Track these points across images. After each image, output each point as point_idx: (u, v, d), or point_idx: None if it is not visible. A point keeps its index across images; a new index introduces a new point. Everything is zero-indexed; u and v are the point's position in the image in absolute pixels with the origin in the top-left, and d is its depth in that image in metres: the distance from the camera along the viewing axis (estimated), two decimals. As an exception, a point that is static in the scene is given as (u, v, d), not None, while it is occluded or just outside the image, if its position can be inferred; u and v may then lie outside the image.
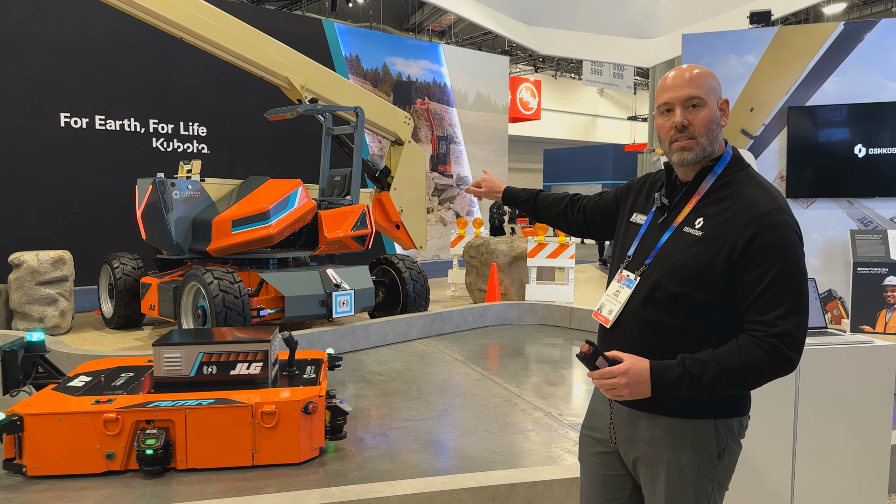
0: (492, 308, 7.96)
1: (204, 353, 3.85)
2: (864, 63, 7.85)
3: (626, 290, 1.73)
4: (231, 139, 10.51)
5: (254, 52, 7.04)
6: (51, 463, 3.51)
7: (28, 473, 3.50)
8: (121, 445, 3.54)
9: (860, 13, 20.76)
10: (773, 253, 1.55)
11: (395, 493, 2.94)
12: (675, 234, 1.69)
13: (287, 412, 3.66)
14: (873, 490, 2.72)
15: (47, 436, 3.49)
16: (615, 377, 1.57)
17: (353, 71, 12.30)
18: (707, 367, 1.55)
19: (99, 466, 3.53)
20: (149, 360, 4.41)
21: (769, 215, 1.57)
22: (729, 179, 1.67)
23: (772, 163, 8.13)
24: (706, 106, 1.65)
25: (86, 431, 3.52)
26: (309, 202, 6.81)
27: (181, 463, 3.60)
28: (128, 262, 7.48)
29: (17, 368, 4.03)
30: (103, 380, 4.07)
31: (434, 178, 13.71)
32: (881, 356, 2.70)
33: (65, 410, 3.54)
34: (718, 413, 1.65)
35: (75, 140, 9.16)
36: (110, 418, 3.51)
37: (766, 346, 1.53)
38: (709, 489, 1.67)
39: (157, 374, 3.86)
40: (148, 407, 3.59)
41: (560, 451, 3.92)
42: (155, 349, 3.85)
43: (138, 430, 3.56)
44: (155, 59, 9.75)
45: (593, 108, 37.50)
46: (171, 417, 3.59)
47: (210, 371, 3.85)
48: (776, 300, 1.54)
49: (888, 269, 7.30)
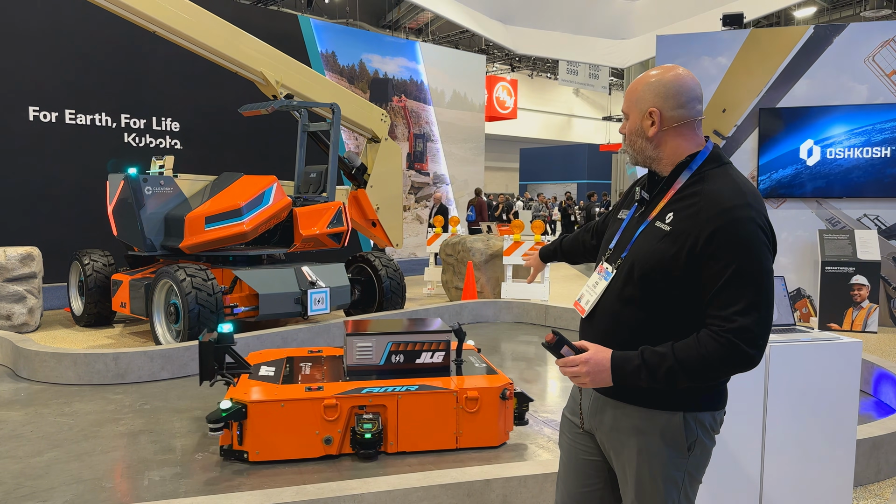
0: (468, 306, 7.97)
1: (393, 342, 4.03)
2: (833, 66, 8.01)
3: (603, 282, 1.78)
4: (205, 135, 10.38)
5: (228, 48, 6.97)
6: (273, 448, 3.63)
7: (250, 459, 3.61)
8: (338, 430, 3.70)
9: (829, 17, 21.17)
10: (733, 248, 1.57)
11: (370, 490, 2.93)
12: (648, 228, 1.73)
13: (487, 398, 3.84)
14: (839, 483, 2.79)
15: (270, 422, 3.62)
16: (577, 365, 1.64)
17: (329, 67, 12.23)
18: (664, 359, 1.58)
19: (317, 451, 3.68)
20: (310, 351, 4.65)
21: (732, 210, 1.59)
22: (702, 175, 1.71)
23: (744, 163, 8.26)
24: (629, 119, 1.79)
25: (307, 417, 3.66)
26: (284, 199, 6.76)
27: (391, 446, 3.77)
28: (98, 258, 7.36)
29: (212, 359, 4.17)
30: (288, 369, 4.20)
31: (411, 176, 13.70)
32: (846, 352, 2.76)
33: (286, 397, 3.67)
34: (689, 406, 1.68)
35: (44, 134, 8.98)
36: (330, 404, 3.67)
37: (722, 340, 1.55)
38: (679, 481, 1.70)
39: (349, 363, 4.03)
40: (362, 393, 3.75)
41: (535, 448, 3.95)
42: (348, 339, 4.01)
43: (353, 414, 3.72)
44: (127, 53, 9.59)
45: (569, 107, 37.74)
46: (384, 402, 3.76)
47: (398, 360, 4.04)
48: (735, 296, 1.56)
49: (855, 269, 7.46)
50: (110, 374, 5.22)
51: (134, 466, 3.63)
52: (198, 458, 3.75)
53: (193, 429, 4.22)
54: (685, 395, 1.67)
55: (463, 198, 14.80)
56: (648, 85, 1.74)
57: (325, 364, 4.34)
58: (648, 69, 1.84)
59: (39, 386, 5.19)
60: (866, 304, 7.43)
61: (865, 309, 7.44)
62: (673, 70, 1.74)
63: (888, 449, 3.63)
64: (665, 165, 1.77)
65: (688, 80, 1.73)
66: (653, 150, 1.77)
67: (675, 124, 1.73)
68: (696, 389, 1.67)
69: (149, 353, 5.34)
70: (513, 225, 9.37)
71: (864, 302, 7.43)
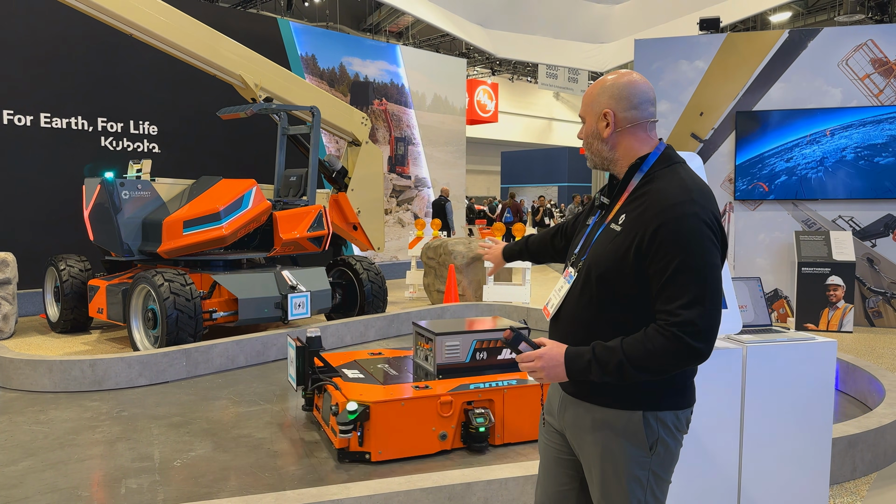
0: (450, 309, 7.97)
1: (477, 340, 4.22)
2: (808, 70, 8.14)
3: (566, 285, 1.83)
4: (183, 138, 10.28)
5: (207, 51, 6.91)
6: (394, 447, 3.74)
7: (372, 459, 3.70)
8: (451, 426, 3.86)
9: (804, 22, 21.50)
10: (675, 244, 1.60)
11: (350, 496, 2.91)
12: (604, 231, 1.77)
13: None
14: (816, 481, 2.82)
15: (391, 421, 3.73)
16: (533, 360, 1.69)
17: (309, 70, 12.18)
18: (613, 353, 1.62)
19: (433, 447, 3.83)
20: (371, 353, 4.83)
21: (675, 207, 1.62)
22: (652, 176, 1.75)
23: (721, 165, 8.36)
24: (585, 123, 1.86)
25: (424, 414, 3.80)
26: (263, 203, 6.72)
27: (498, 439, 3.95)
28: (75, 264, 7.25)
29: (308, 365, 4.29)
30: (371, 371, 4.33)
31: (392, 180, 13.68)
32: (821, 352, 2.80)
33: (404, 396, 3.79)
34: (648, 405, 1.70)
35: (19, 138, 8.84)
36: (446, 400, 3.83)
37: (667, 334, 1.58)
38: (643, 479, 1.71)
39: (439, 362, 4.17)
40: (470, 388, 3.92)
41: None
42: (437, 339, 4.14)
43: (463, 410, 3.88)
44: (104, 56, 9.48)
45: (549, 111, 37.94)
46: (491, 397, 3.95)
47: (481, 357, 4.24)
48: (679, 290, 1.59)
49: (831, 269, 7.57)
50: (87, 381, 5.15)
51: (111, 474, 3.58)
52: (176, 465, 3.70)
53: (172, 435, 4.17)
54: (644, 394, 1.69)
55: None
56: (603, 88, 1.80)
57: (398, 364, 4.53)
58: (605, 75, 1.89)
59: (14, 394, 5.10)
60: (842, 305, 7.54)
61: (841, 309, 7.55)
62: (627, 75, 1.80)
63: (864, 447, 3.69)
64: (621, 167, 1.82)
65: (640, 84, 1.78)
66: (608, 151, 1.82)
67: (629, 125, 1.78)
68: (655, 388, 1.69)
69: (126, 359, 5.28)
70: (494, 228, 9.39)
71: (840, 302, 7.54)
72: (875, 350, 6.74)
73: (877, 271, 8.02)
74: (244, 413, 4.63)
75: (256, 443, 4.03)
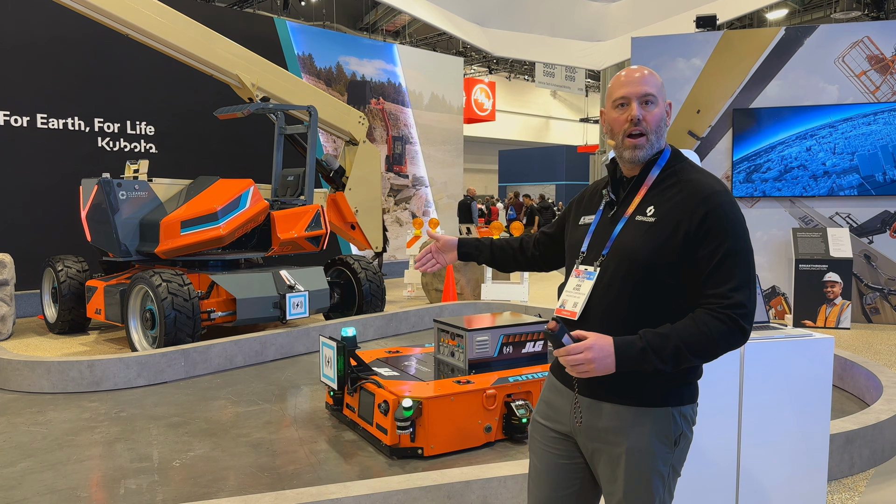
0: (448, 308, 7.97)
1: (504, 335, 4.35)
2: (804, 67, 8.14)
3: (587, 283, 1.78)
4: (180, 138, 10.27)
5: (204, 51, 6.90)
6: (445, 441, 3.82)
7: (425, 454, 3.76)
8: (495, 418, 3.97)
9: (801, 19, 21.51)
10: (724, 230, 1.65)
11: (349, 494, 2.92)
12: (629, 224, 1.76)
13: None
14: (814, 477, 2.83)
15: (442, 416, 3.80)
16: (581, 353, 1.61)
17: (305, 70, 12.17)
18: (668, 339, 1.61)
19: (479, 439, 3.92)
20: (388, 351, 4.91)
21: (717, 195, 1.68)
22: (673, 170, 1.79)
23: (718, 163, 8.36)
24: (658, 105, 1.76)
25: (472, 408, 3.89)
26: (261, 202, 6.71)
27: None
28: (72, 264, 7.24)
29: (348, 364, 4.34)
30: (402, 368, 4.44)
31: (390, 179, 13.67)
32: (819, 349, 2.80)
33: (453, 391, 3.86)
34: (675, 401, 1.72)
35: (16, 139, 8.82)
36: (491, 394, 3.93)
37: (722, 317, 1.61)
38: (665, 475, 1.73)
39: (470, 357, 4.26)
40: (509, 381, 4.03)
41: (514, 448, 3.96)
42: (468, 334, 4.23)
43: (505, 402, 3.98)
44: (100, 56, 9.46)
45: (546, 109, 37.92)
46: (529, 389, 4.06)
47: (508, 351, 4.36)
48: (728, 274, 1.63)
49: (828, 266, 7.58)
50: (85, 382, 5.15)
51: (110, 475, 3.58)
52: (175, 465, 3.70)
53: (170, 436, 4.17)
54: (671, 390, 1.72)
55: (442, 200, 14.80)
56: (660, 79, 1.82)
57: (424, 361, 4.65)
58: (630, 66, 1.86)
59: (12, 395, 5.09)
60: (839, 301, 7.56)
61: (838, 306, 7.56)
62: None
63: (861, 443, 3.70)
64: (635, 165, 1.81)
65: None
66: (658, 141, 1.80)
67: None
68: (679, 384, 1.72)
69: (124, 359, 5.27)
70: (492, 227, 9.40)
71: (837, 299, 7.56)
72: (872, 346, 6.75)
73: (874, 268, 8.04)
74: (243, 413, 4.63)
75: (255, 443, 4.03)
